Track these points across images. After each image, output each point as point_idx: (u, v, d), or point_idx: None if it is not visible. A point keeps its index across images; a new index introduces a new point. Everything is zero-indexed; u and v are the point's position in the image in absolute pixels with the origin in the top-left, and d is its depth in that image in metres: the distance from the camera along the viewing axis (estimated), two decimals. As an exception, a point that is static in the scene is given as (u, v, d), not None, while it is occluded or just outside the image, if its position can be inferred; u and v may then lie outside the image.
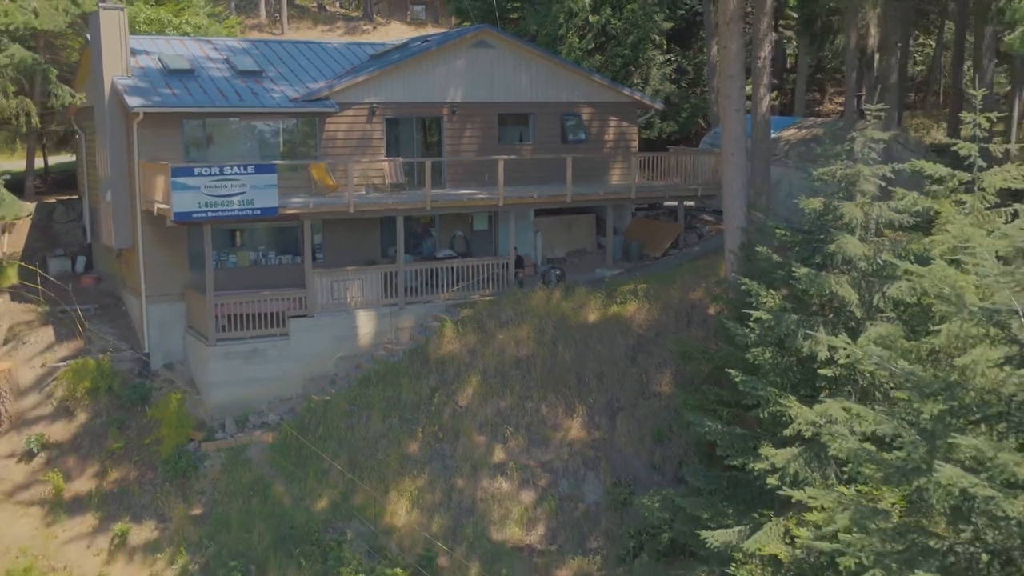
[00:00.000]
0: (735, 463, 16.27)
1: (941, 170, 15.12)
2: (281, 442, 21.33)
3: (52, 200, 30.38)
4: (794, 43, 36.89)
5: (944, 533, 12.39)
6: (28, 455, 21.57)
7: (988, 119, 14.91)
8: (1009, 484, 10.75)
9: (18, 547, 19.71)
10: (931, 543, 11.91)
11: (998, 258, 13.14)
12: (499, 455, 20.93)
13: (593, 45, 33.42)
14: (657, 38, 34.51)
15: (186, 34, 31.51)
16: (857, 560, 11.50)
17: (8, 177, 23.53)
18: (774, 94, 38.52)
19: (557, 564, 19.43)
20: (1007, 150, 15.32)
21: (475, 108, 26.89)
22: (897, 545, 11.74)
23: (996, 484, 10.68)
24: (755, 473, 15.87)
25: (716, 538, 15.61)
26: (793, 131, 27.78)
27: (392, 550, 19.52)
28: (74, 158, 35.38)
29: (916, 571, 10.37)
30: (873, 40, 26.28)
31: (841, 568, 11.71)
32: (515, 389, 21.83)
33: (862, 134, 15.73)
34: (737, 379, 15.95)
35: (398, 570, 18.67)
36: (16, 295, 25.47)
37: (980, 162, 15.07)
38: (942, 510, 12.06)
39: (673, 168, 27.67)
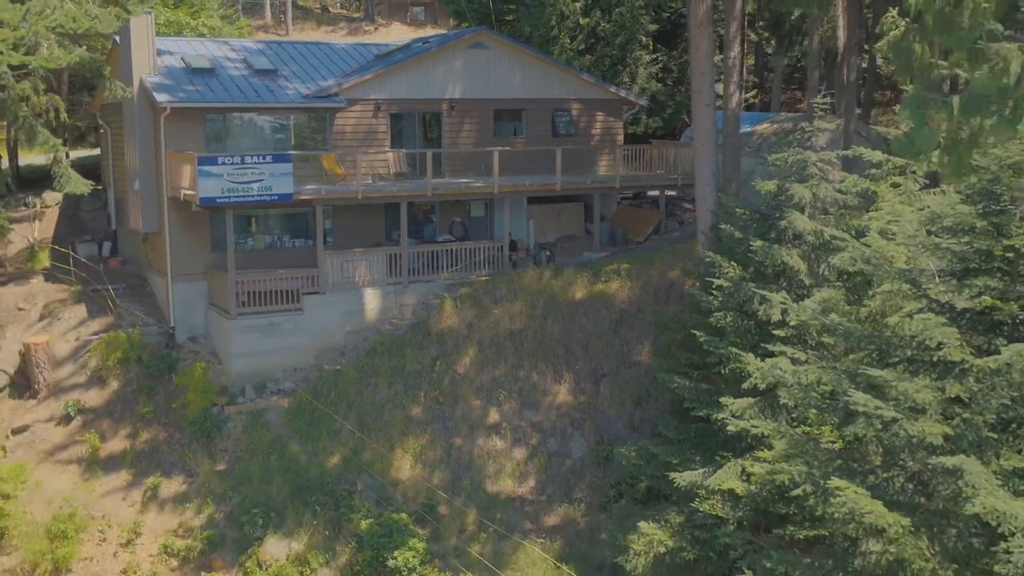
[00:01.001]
0: (701, 414, 18.48)
1: (878, 156, 17.35)
2: (296, 406, 23.52)
3: (78, 190, 32.53)
4: (773, 43, 39.02)
5: (874, 461, 14.67)
6: (66, 419, 23.72)
7: (918, 111, 17.10)
8: (913, 410, 12.99)
9: (62, 497, 21.89)
10: (854, 465, 14.19)
11: (927, 232, 15.43)
12: (494, 417, 23.14)
13: (584, 46, 35.53)
14: (644, 39, 36.61)
15: (202, 35, 33.70)
16: (789, 477, 13.74)
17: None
18: (754, 92, 40.76)
19: (546, 511, 21.65)
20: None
21: (472, 104, 29.09)
22: (826, 467, 13.97)
23: (902, 409, 12.92)
24: (718, 424, 18.08)
25: (683, 478, 17.77)
26: (766, 126, 30.03)
27: (398, 499, 21.72)
28: (93, 152, 37.57)
29: (832, 478, 12.59)
30: (841, 42, 28.45)
31: (777, 484, 13.93)
32: (508, 358, 24.04)
33: (810, 125, 17.96)
34: (702, 339, 18.16)
35: (403, 515, 20.87)
36: (49, 276, 27.69)
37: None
38: (870, 440, 14.31)
39: (656, 160, 29.91)
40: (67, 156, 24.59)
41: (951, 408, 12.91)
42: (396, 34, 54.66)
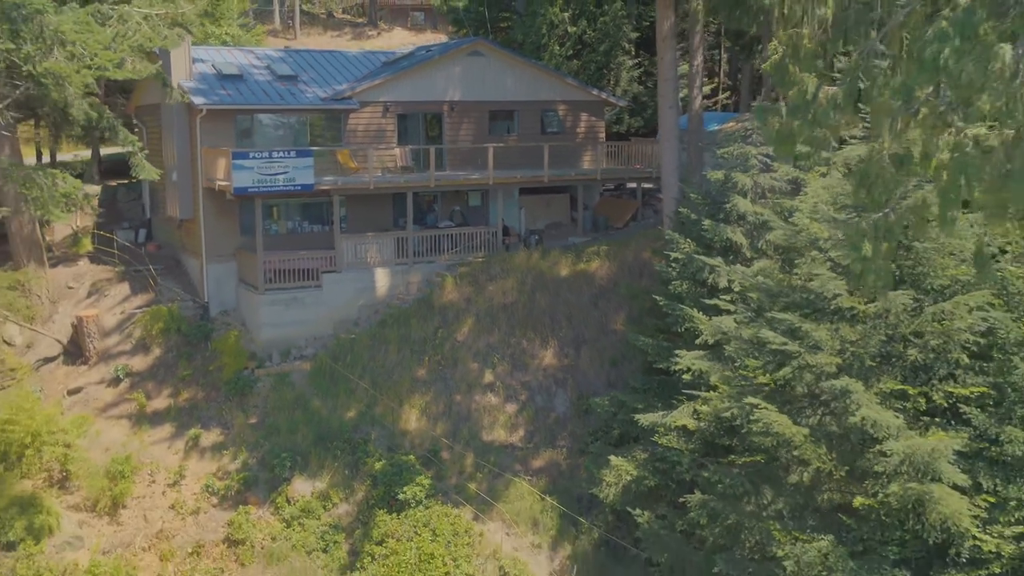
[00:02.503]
0: (662, 367, 22.04)
1: (806, 148, 20.85)
2: (317, 369, 27.02)
3: (113, 183, 36.09)
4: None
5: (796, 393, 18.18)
6: (115, 381, 27.19)
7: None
8: (816, 347, 16.54)
9: (118, 444, 25.40)
10: (776, 396, 17.73)
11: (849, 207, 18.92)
12: (488, 377, 26.68)
13: (571, 52, 39.01)
14: (626, 46, 40.12)
15: (224, 43, 37.19)
16: (726, 406, 17.27)
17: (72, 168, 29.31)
18: (727, 93, 44.31)
19: (533, 456, 25.19)
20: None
21: (470, 106, 32.65)
22: (754, 396, 17.51)
23: (806, 347, 16.46)
24: (676, 375, 21.63)
25: (646, 418, 21.29)
26: (732, 124, 33.57)
27: (406, 446, 25.24)
28: (118, 149, 40.99)
29: (748, 397, 16.13)
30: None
31: (715, 413, 17.46)
32: (502, 328, 27.58)
33: (751, 124, 21.51)
34: (661, 303, 21.71)
35: (411, 457, 24.40)
36: (94, 259, 31.20)
37: (833, 143, 20.79)
38: (795, 382, 17.80)
39: (634, 155, 33.49)
40: (97, 156, 28.06)
41: (845, 345, 16.47)
42: (398, 38, 58.11)
